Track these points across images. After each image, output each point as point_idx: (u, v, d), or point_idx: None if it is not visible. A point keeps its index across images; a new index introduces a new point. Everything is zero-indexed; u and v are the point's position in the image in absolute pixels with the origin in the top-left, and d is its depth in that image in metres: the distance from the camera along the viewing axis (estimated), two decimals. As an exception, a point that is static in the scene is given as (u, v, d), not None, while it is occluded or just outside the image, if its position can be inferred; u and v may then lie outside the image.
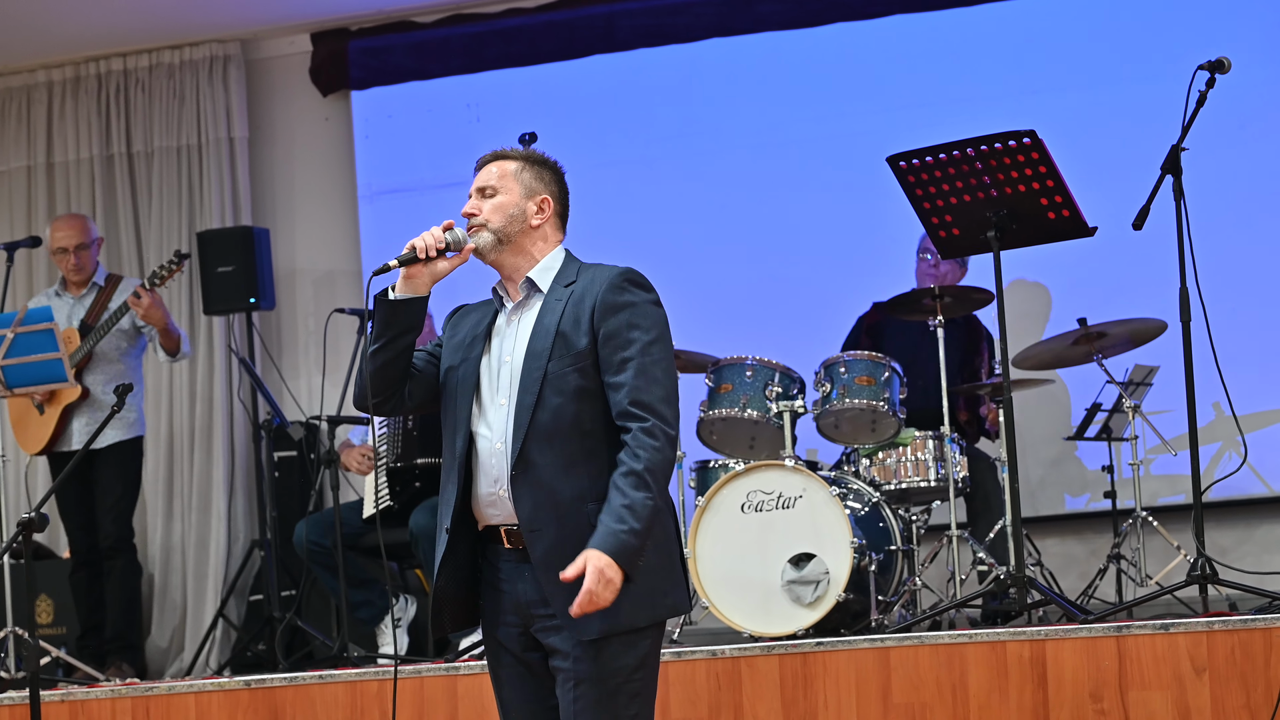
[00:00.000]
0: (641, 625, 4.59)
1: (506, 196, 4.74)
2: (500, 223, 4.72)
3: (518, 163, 4.79)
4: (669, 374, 4.60)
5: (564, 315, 4.63)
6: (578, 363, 4.59)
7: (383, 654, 8.19)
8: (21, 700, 7.34)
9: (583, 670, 4.56)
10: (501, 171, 4.77)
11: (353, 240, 10.44)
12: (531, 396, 4.59)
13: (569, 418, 4.57)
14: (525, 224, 4.73)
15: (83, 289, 8.92)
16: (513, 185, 4.75)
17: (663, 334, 4.63)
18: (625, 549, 4.45)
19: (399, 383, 4.76)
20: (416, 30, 10.34)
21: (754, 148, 9.81)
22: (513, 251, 4.74)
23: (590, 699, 4.56)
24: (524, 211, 4.73)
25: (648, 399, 4.54)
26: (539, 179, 4.78)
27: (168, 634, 10.17)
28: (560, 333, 4.61)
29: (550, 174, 4.81)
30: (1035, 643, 6.54)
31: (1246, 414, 7.69)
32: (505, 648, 4.72)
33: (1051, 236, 7.21)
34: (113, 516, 8.80)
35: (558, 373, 4.58)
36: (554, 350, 4.61)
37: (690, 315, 9.07)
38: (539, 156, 4.84)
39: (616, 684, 4.57)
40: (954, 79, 9.55)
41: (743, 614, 7.40)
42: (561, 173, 4.85)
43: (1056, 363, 8.42)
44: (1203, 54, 6.92)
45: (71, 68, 10.66)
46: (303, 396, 10.21)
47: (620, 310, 4.60)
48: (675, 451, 4.60)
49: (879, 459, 7.99)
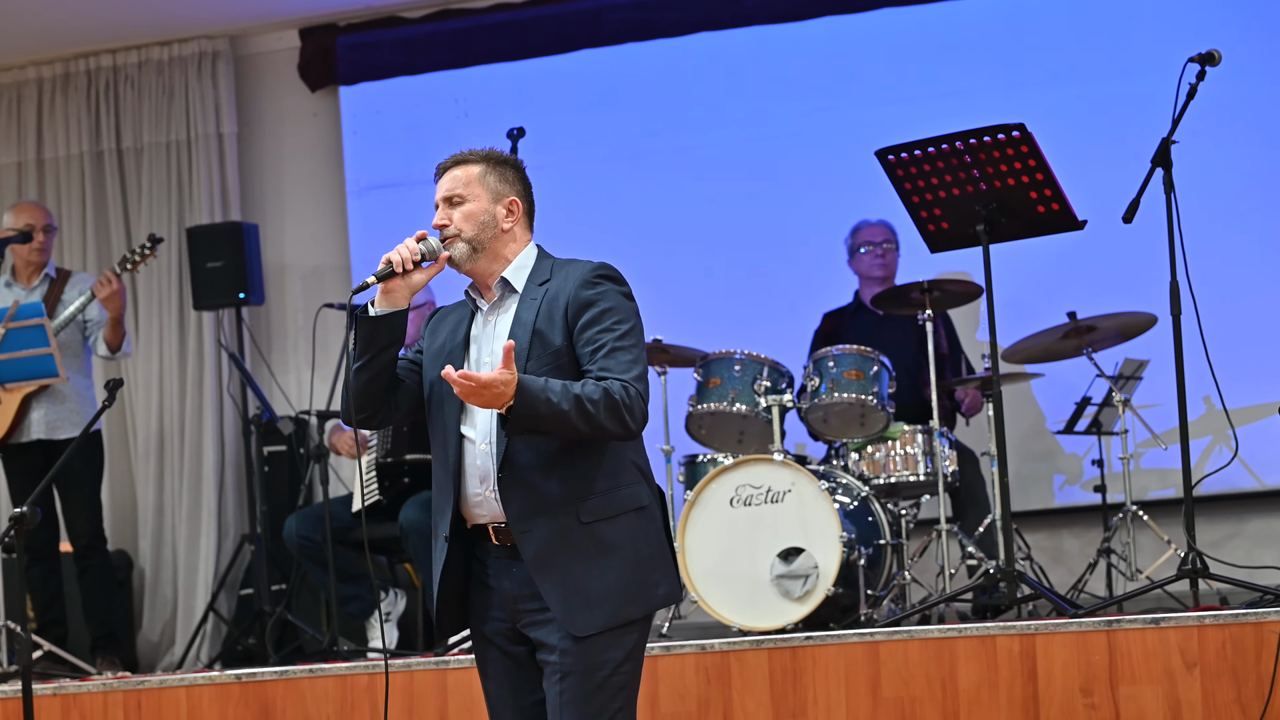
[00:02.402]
0: (636, 617, 4.63)
1: (475, 204, 4.74)
2: (472, 231, 4.71)
3: (480, 166, 4.78)
4: (639, 361, 4.62)
5: (539, 314, 4.64)
6: (555, 360, 4.60)
7: (372, 648, 8.19)
8: (14, 693, 7.35)
9: (569, 663, 4.58)
10: (466, 177, 4.76)
11: (341, 235, 10.43)
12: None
13: None
14: (497, 229, 4.74)
15: (36, 277, 8.84)
16: (479, 191, 4.75)
17: (635, 325, 4.65)
18: (534, 385, 4.43)
19: (384, 396, 4.76)
20: (404, 25, 10.33)
21: (742, 142, 9.81)
22: (488, 258, 4.74)
23: (576, 692, 4.58)
24: (494, 217, 4.73)
25: (624, 374, 4.56)
26: (503, 180, 4.77)
27: (158, 628, 10.16)
28: (537, 331, 4.62)
29: (513, 172, 4.81)
30: (1025, 637, 6.55)
31: (1237, 408, 7.69)
32: (492, 642, 4.73)
33: (1041, 230, 7.22)
34: (84, 514, 8.73)
35: (537, 371, 4.58)
36: (531, 349, 4.62)
37: (678, 309, 9.13)
38: (499, 156, 4.83)
39: (603, 677, 4.60)
40: (943, 73, 9.54)
41: (732, 608, 7.40)
42: (523, 168, 4.85)
43: (1046, 356, 8.43)
44: (1193, 46, 6.92)
45: (61, 64, 10.64)
46: (292, 391, 10.20)
47: (592, 304, 4.62)
48: (627, 425, 4.54)
49: (868, 453, 7.99)
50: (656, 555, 4.68)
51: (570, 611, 4.57)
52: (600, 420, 4.49)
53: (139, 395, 10.33)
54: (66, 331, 8.65)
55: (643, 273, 4.74)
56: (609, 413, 4.49)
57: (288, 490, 9.68)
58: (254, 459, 9.30)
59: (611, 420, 4.50)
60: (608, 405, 4.49)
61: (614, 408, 4.49)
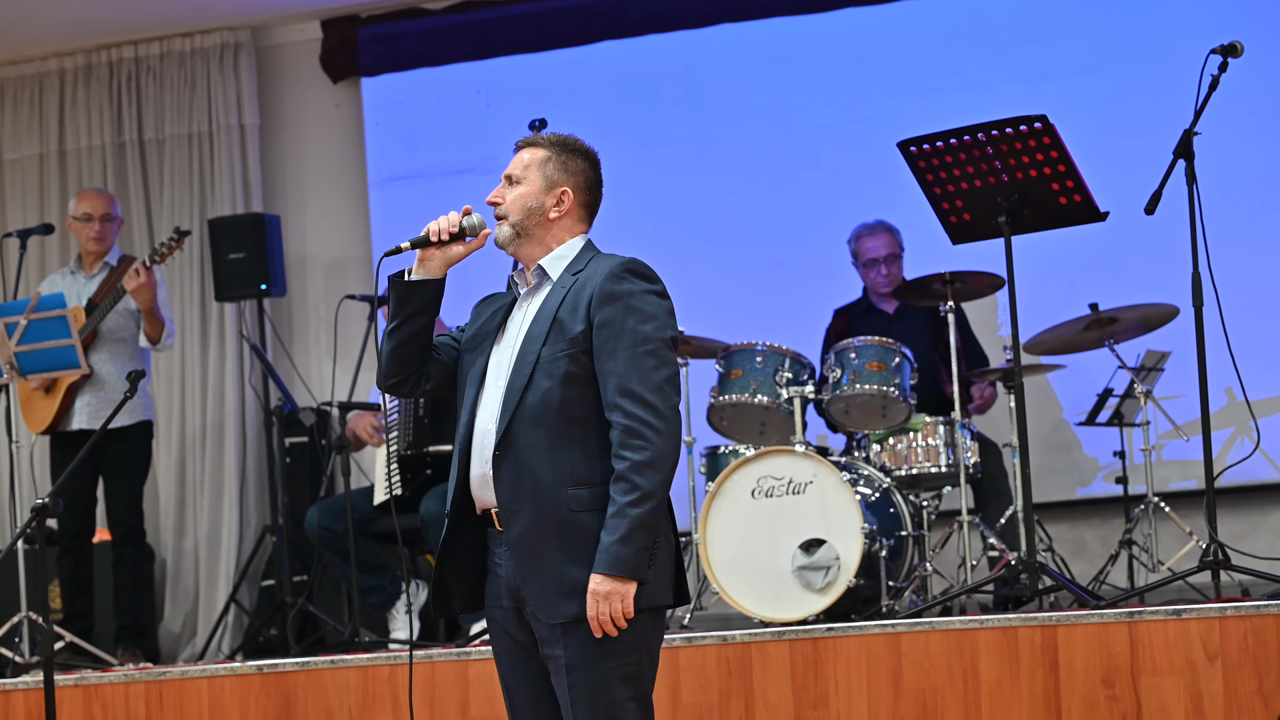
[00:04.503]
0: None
1: (528, 188, 4.73)
2: (518, 216, 4.72)
3: (547, 151, 4.78)
4: (664, 364, 4.57)
5: (564, 302, 4.63)
6: (571, 348, 4.58)
7: (394, 639, 8.20)
8: (36, 685, 7.37)
9: (571, 656, 4.55)
10: (530, 160, 4.76)
11: (363, 227, 10.45)
12: (522, 379, 4.59)
13: (556, 401, 4.56)
14: (543, 217, 4.73)
15: (97, 265, 8.91)
16: (535, 176, 4.74)
17: (661, 324, 4.59)
18: (617, 560, 4.45)
19: (415, 363, 4.77)
20: (426, 17, 10.34)
21: (764, 133, 9.81)
22: (530, 243, 4.75)
23: (583, 684, 4.54)
24: (542, 205, 4.73)
25: (637, 389, 4.52)
26: (563, 169, 4.76)
27: (180, 619, 10.18)
28: (558, 319, 4.61)
29: (580, 163, 4.80)
30: (1047, 628, 6.54)
31: (1259, 399, 7.69)
32: (503, 629, 4.73)
33: (1063, 221, 7.21)
34: (126, 503, 8.80)
35: (551, 357, 4.58)
36: (550, 335, 4.60)
37: (700, 301, 9.11)
38: (572, 144, 4.82)
39: (607, 666, 4.54)
40: (964, 64, 9.53)
41: (753, 599, 7.40)
42: (594, 160, 4.83)
43: (1068, 348, 8.42)
44: (1215, 37, 6.90)
45: (83, 56, 10.66)
46: (314, 383, 10.22)
47: (617, 299, 4.58)
48: (671, 441, 4.53)
49: (889, 444, 7.99)
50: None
51: (545, 598, 4.55)
52: (653, 481, 4.48)
53: (161, 386, 10.35)
54: (118, 321, 8.70)
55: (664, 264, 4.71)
56: (646, 473, 4.47)
57: (309, 481, 9.69)
58: (275, 450, 9.31)
59: (655, 467, 4.48)
60: (640, 473, 4.46)
61: (643, 464, 4.47)
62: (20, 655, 8.13)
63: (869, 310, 8.81)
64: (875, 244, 8.71)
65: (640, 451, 4.48)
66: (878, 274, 8.70)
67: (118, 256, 8.96)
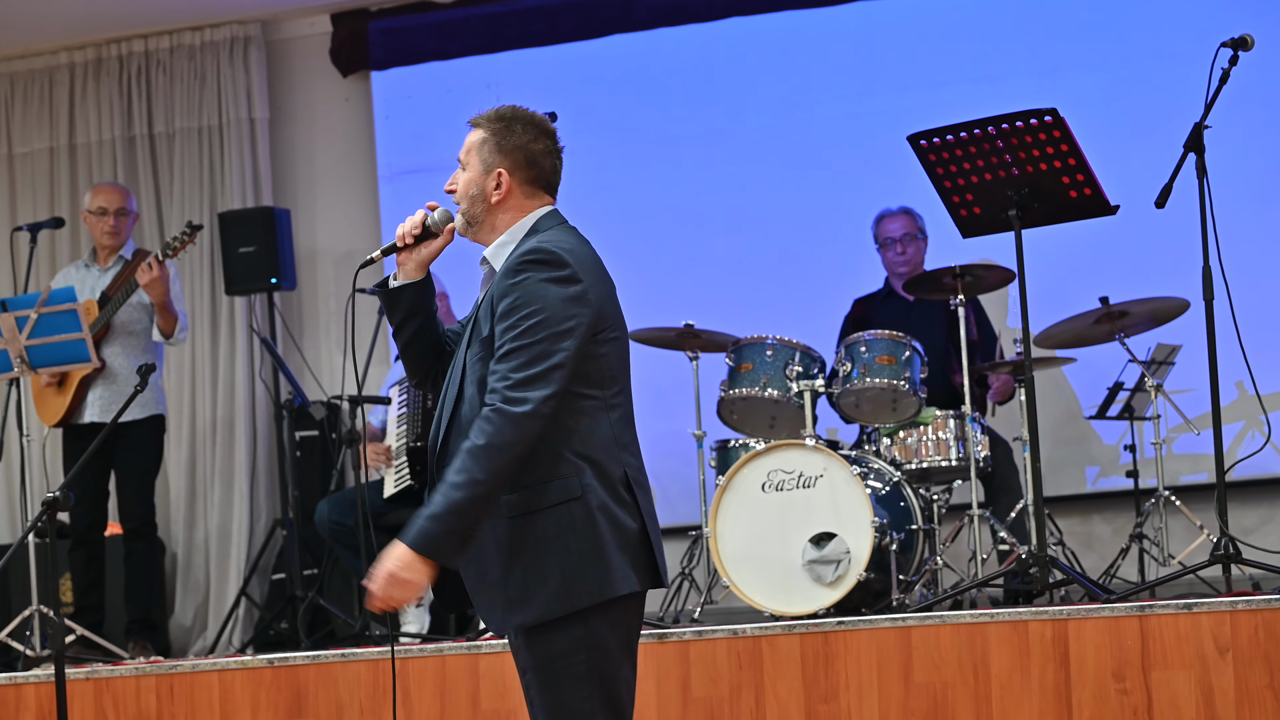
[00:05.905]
0: (557, 616, 4.36)
1: (470, 173, 4.56)
2: (465, 204, 4.56)
3: (483, 132, 4.56)
4: (541, 355, 4.28)
5: (484, 299, 4.46)
6: (482, 351, 4.40)
7: (405, 632, 8.21)
8: (47, 678, 7.38)
9: (524, 660, 4.45)
10: (469, 143, 4.58)
11: (373, 220, 10.45)
12: (455, 388, 4.47)
13: (477, 409, 4.36)
14: (486, 202, 4.53)
15: (111, 258, 8.92)
16: (474, 160, 4.56)
17: (548, 315, 4.30)
18: (426, 536, 4.29)
19: (428, 360, 4.69)
20: (436, 10, 10.34)
21: (773, 127, 9.81)
22: (483, 230, 4.56)
23: (536, 686, 4.42)
24: (483, 190, 4.53)
25: (499, 383, 4.30)
26: (498, 150, 4.52)
27: (191, 613, 10.20)
28: (476, 321, 4.45)
29: (518, 137, 4.53)
30: (1057, 622, 6.54)
31: (1270, 393, 7.68)
32: None
33: (1073, 215, 7.19)
34: (137, 497, 8.81)
35: (471, 363, 4.44)
36: (471, 338, 4.46)
37: (710, 294, 9.14)
38: (508, 117, 4.55)
39: (555, 668, 4.38)
40: (975, 57, 9.53)
41: (763, 593, 7.40)
42: (541, 128, 4.55)
43: (1078, 342, 8.41)
44: (1226, 30, 6.89)
45: (93, 49, 10.67)
46: (324, 376, 10.23)
47: (508, 294, 4.35)
48: (520, 432, 4.26)
49: (900, 438, 7.98)
50: (587, 551, 4.36)
51: (490, 609, 4.45)
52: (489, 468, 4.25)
53: (171, 380, 10.35)
54: (131, 315, 8.71)
55: (674, 258, 4.72)
56: (481, 457, 4.25)
57: (319, 475, 9.71)
58: (286, 444, 9.32)
59: (495, 455, 4.25)
60: (476, 455, 4.25)
61: (483, 446, 4.25)
62: (32, 649, 8.14)
63: (889, 296, 8.81)
64: (894, 225, 8.72)
65: (483, 435, 4.26)
66: (895, 254, 8.70)
67: (132, 250, 8.98)
